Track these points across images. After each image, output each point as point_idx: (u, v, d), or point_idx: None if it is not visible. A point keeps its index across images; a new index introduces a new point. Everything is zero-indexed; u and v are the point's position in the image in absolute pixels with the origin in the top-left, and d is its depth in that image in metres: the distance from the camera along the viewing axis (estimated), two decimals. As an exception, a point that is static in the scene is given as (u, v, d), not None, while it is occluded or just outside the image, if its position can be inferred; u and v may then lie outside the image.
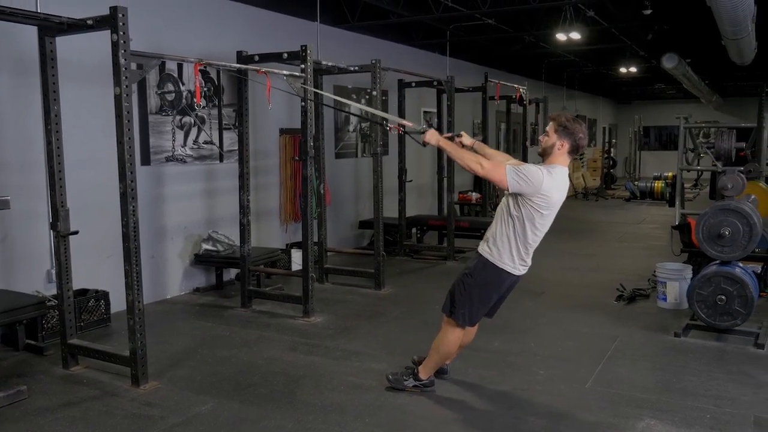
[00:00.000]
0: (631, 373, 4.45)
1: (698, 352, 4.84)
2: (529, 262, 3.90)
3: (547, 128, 3.75)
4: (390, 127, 4.53)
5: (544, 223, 3.76)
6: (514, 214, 3.72)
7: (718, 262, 5.24)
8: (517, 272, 3.84)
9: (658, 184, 15.45)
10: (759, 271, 5.98)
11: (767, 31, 9.41)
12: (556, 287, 6.93)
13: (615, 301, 6.28)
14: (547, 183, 3.60)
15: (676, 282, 5.98)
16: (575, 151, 3.73)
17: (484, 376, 4.39)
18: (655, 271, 6.35)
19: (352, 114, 8.88)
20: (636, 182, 16.59)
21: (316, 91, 6.00)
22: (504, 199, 3.84)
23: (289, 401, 4.01)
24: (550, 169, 3.65)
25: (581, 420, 3.74)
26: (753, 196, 6.25)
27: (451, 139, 4.10)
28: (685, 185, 10.95)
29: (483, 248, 3.87)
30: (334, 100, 6.77)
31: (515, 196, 3.68)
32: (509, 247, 3.76)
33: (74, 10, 4.40)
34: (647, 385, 4.25)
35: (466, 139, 4.16)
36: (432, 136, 3.86)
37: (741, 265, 5.33)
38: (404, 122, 4.30)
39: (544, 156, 3.77)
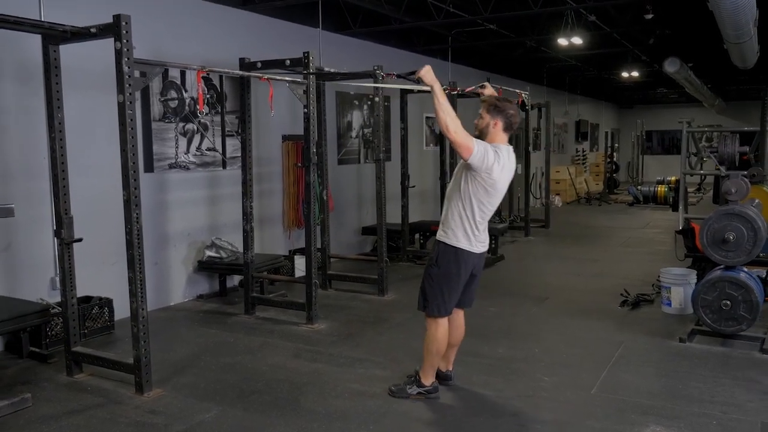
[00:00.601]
0: (637, 380, 4.43)
1: (704, 358, 4.82)
2: (485, 239, 4.03)
3: (480, 111, 3.94)
4: (383, 75, 4.63)
5: (491, 201, 3.90)
6: (464, 192, 3.86)
7: (722, 266, 5.22)
8: (476, 250, 3.96)
9: (662, 189, 15.44)
10: (764, 276, 5.96)
11: (770, 35, 9.40)
12: (560, 293, 6.92)
13: (619, 307, 6.27)
14: (497, 161, 3.78)
15: (680, 287, 5.96)
16: (510, 128, 3.92)
17: (489, 383, 4.37)
18: (659, 276, 6.33)
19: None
20: (639, 187, 16.58)
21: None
22: (454, 180, 3.98)
23: (293, 408, 4.00)
24: (497, 148, 3.82)
25: (587, 427, 3.72)
26: (757, 200, 6.23)
27: (475, 89, 4.26)
28: (689, 189, 10.93)
29: (439, 233, 4.01)
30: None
31: (467, 172, 3.82)
32: (462, 226, 3.90)
33: (78, 18, 4.42)
34: (653, 391, 4.23)
35: (488, 90, 4.33)
36: (428, 73, 3.76)
37: (746, 269, 5.32)
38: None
39: (482, 137, 3.90)
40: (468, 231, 3.89)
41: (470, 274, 4.05)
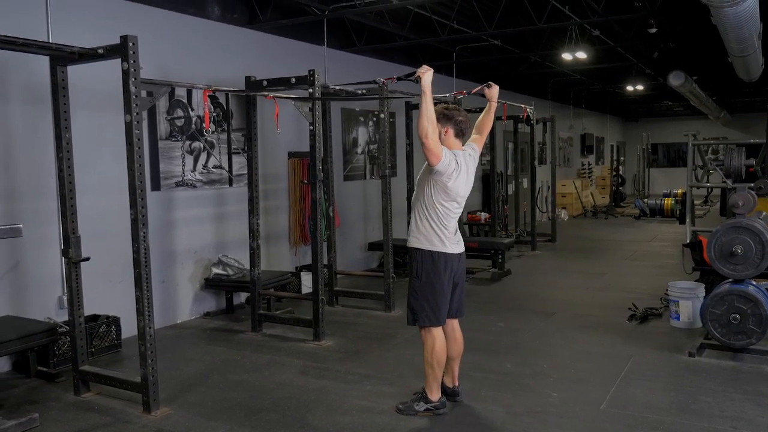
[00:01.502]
0: (646, 394, 4.40)
1: (713, 372, 4.78)
2: (458, 240, 4.11)
3: None
4: (383, 82, 4.66)
5: (453, 204, 4.01)
6: (427, 196, 3.99)
7: (730, 280, 5.20)
8: (451, 251, 4.04)
9: (668, 202, 15.37)
10: (772, 289, 5.92)
11: (774, 47, 9.41)
12: (568, 307, 6.89)
13: (627, 321, 6.23)
14: (457, 165, 3.94)
15: (688, 301, 5.93)
16: (461, 134, 4.09)
17: (497, 399, 4.35)
18: (667, 290, 6.30)
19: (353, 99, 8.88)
20: (645, 200, 16.53)
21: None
22: (416, 190, 4.13)
23: (300, 426, 3.99)
24: (454, 153, 3.97)
25: (596, 443, 3.70)
26: (764, 213, 6.20)
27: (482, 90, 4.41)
28: (695, 202, 10.90)
29: (411, 240, 4.09)
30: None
31: (430, 177, 3.96)
32: (432, 230, 3.99)
33: (85, 40, 4.47)
34: (662, 406, 4.20)
35: (495, 89, 4.42)
36: (428, 77, 3.84)
37: (754, 283, 5.29)
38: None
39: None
40: (438, 233, 3.99)
41: (452, 280, 4.06)
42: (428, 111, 3.77)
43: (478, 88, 4.50)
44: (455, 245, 4.06)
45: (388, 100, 6.63)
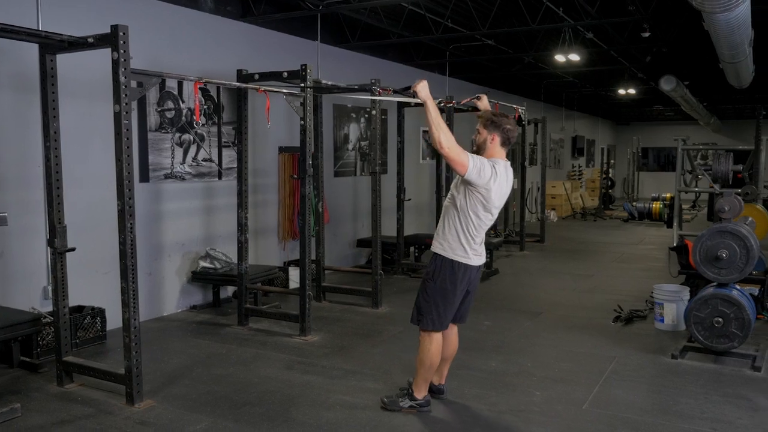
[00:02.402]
0: (628, 395, 4.43)
1: (695, 375, 4.82)
2: (482, 252, 4.01)
3: (477, 126, 3.94)
4: (379, 90, 4.62)
5: (488, 215, 3.89)
6: (461, 205, 3.85)
7: (715, 284, 5.24)
8: (471, 263, 3.94)
9: (656, 205, 15.46)
10: (756, 294, 5.97)
11: (765, 54, 9.48)
12: (554, 308, 6.92)
13: (612, 322, 6.27)
14: (494, 176, 3.77)
15: (673, 303, 5.97)
16: (507, 143, 3.92)
17: (481, 397, 4.37)
18: (652, 293, 6.34)
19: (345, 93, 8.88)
20: (634, 203, 16.61)
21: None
22: (450, 194, 3.98)
23: (284, 420, 3.99)
24: (494, 163, 3.81)
25: (578, 442, 3.72)
26: (750, 219, 6.27)
27: (471, 101, 4.35)
28: (683, 206, 10.97)
29: (435, 246, 4.00)
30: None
31: (465, 186, 3.81)
32: (458, 239, 3.88)
33: (75, 28, 4.44)
34: (644, 407, 4.23)
35: (483, 103, 4.38)
36: (424, 88, 3.76)
37: (738, 287, 5.33)
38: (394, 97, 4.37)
39: (479, 152, 3.91)
40: (464, 244, 3.88)
41: (465, 290, 4.03)
42: (435, 120, 3.65)
43: (467, 99, 4.50)
44: (478, 257, 3.96)
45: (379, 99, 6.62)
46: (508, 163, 3.94)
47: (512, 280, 8.61)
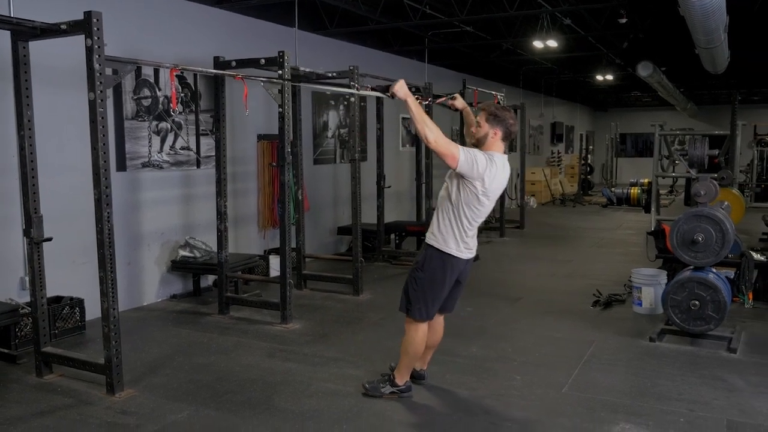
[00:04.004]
0: (607, 378, 4.49)
1: (672, 357, 4.89)
2: (473, 246, 4.00)
3: (478, 118, 3.89)
4: (358, 87, 4.60)
5: (482, 210, 3.87)
6: (455, 198, 3.82)
7: (692, 267, 5.31)
8: (462, 256, 3.93)
9: (635, 191, 15.64)
10: (732, 277, 6.07)
11: (740, 40, 9.58)
12: (533, 293, 6.98)
13: (591, 307, 6.34)
14: (490, 169, 3.73)
15: (651, 287, 6.04)
16: (508, 137, 3.88)
17: (462, 382, 4.40)
18: (630, 277, 6.41)
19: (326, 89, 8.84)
20: (613, 188, 16.77)
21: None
22: (445, 186, 3.94)
23: (266, 408, 3.99)
24: (491, 156, 3.77)
25: (557, 425, 3.77)
26: (726, 203, 6.35)
27: (445, 101, 4.27)
28: (661, 192, 11.09)
29: (429, 237, 3.98)
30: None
31: (458, 179, 3.78)
32: (452, 232, 3.86)
33: (49, 15, 4.36)
34: (622, 389, 4.29)
35: (459, 102, 4.30)
36: (402, 88, 3.75)
37: (714, 270, 5.41)
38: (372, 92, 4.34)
39: (479, 146, 3.87)
40: (457, 237, 3.86)
41: (456, 281, 4.03)
42: (418, 116, 3.62)
43: (442, 99, 4.50)
44: (469, 251, 3.95)
45: (358, 84, 6.59)
46: (506, 157, 3.89)
47: (492, 266, 8.66)
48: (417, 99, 3.78)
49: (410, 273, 4.05)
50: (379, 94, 4.33)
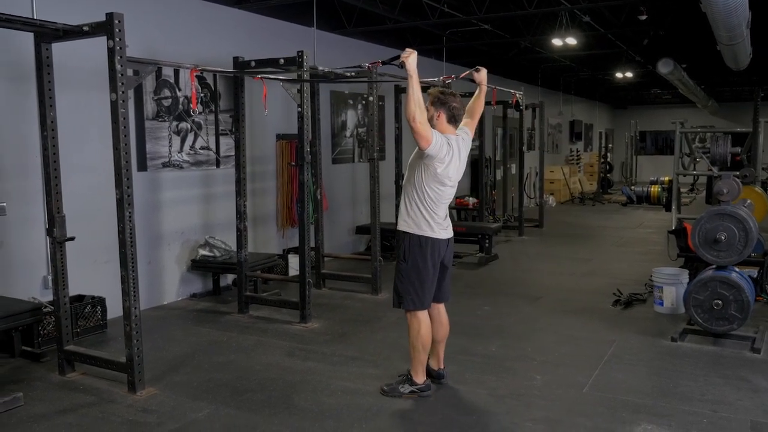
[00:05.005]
0: (628, 378, 4.45)
1: (695, 357, 4.84)
2: (447, 225, 4.10)
3: (427, 103, 4.01)
4: (368, 66, 4.65)
5: (445, 189, 3.99)
6: (417, 181, 3.97)
7: (714, 266, 5.25)
8: (439, 236, 4.03)
9: (655, 189, 15.48)
10: (755, 276, 5.99)
11: (762, 36, 9.45)
12: (553, 292, 6.93)
13: (612, 306, 6.29)
14: (448, 152, 3.91)
15: (672, 287, 5.98)
16: (454, 120, 4.05)
17: (482, 381, 4.39)
18: (651, 276, 6.35)
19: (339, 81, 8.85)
20: (632, 187, 16.62)
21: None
22: (407, 174, 4.10)
23: (285, 407, 4.01)
24: (447, 138, 3.94)
25: (578, 425, 3.74)
26: (749, 201, 6.26)
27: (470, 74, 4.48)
28: (682, 190, 10.98)
29: (400, 224, 4.08)
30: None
31: (420, 161, 3.94)
32: (421, 214, 3.98)
33: (71, 17, 4.41)
34: (644, 389, 4.25)
35: (480, 75, 4.48)
36: (412, 61, 3.85)
37: (737, 269, 5.35)
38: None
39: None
40: (427, 217, 3.98)
41: (441, 264, 4.08)
42: (415, 94, 3.73)
43: (467, 72, 4.52)
44: (444, 231, 4.05)
45: (377, 83, 6.59)
46: (461, 136, 4.06)
47: (511, 265, 8.63)
48: (441, 78, 3.89)
49: (395, 267, 4.13)
50: (391, 80, 4.33)
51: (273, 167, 7.85)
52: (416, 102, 3.73)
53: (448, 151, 3.90)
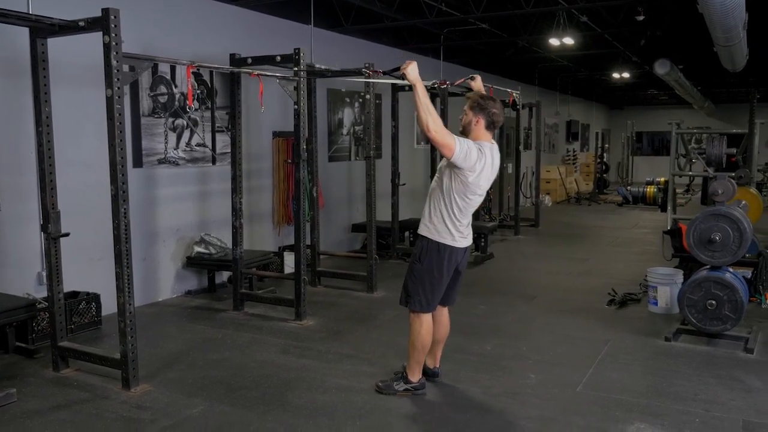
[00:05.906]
0: (622, 377, 4.46)
1: (688, 357, 4.85)
2: (468, 234, 4.03)
3: (464, 107, 3.95)
4: (369, 73, 4.63)
5: (473, 199, 3.91)
6: (446, 188, 3.87)
7: (708, 267, 5.26)
8: (459, 245, 3.97)
9: (651, 189, 15.51)
10: (749, 276, 6.01)
11: (759, 38, 9.47)
12: (549, 291, 6.95)
13: (606, 306, 6.30)
14: (480, 161, 3.78)
15: (667, 287, 6.00)
16: (492, 126, 3.93)
17: (476, 380, 4.39)
18: (646, 276, 6.37)
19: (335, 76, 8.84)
20: (628, 187, 16.65)
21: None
22: (436, 176, 4.00)
23: (279, 404, 4.00)
24: (481, 146, 3.81)
25: (572, 424, 3.75)
26: (743, 202, 6.29)
27: (465, 81, 4.38)
28: (677, 190, 11.00)
29: (421, 228, 4.02)
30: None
31: (450, 169, 3.82)
32: (444, 222, 3.91)
33: (66, 12, 4.40)
34: (638, 389, 4.26)
35: (476, 83, 4.40)
36: (413, 71, 3.75)
37: (731, 270, 5.36)
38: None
39: (465, 134, 3.93)
40: (450, 226, 3.90)
41: (455, 270, 4.06)
42: (424, 102, 3.64)
43: (462, 80, 4.50)
44: (464, 239, 3.98)
45: (373, 82, 6.59)
46: (495, 145, 3.94)
47: (507, 264, 8.64)
48: (436, 83, 3.81)
49: (408, 266, 4.11)
50: (392, 80, 4.33)
51: (269, 164, 7.84)
52: (426, 110, 3.63)
53: (479, 158, 3.75)
